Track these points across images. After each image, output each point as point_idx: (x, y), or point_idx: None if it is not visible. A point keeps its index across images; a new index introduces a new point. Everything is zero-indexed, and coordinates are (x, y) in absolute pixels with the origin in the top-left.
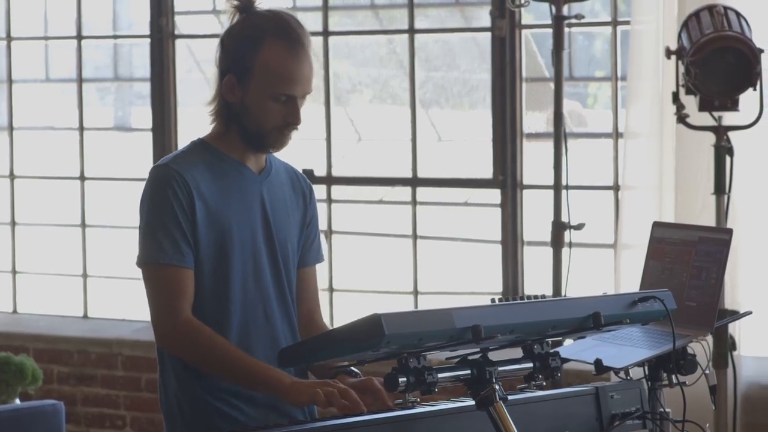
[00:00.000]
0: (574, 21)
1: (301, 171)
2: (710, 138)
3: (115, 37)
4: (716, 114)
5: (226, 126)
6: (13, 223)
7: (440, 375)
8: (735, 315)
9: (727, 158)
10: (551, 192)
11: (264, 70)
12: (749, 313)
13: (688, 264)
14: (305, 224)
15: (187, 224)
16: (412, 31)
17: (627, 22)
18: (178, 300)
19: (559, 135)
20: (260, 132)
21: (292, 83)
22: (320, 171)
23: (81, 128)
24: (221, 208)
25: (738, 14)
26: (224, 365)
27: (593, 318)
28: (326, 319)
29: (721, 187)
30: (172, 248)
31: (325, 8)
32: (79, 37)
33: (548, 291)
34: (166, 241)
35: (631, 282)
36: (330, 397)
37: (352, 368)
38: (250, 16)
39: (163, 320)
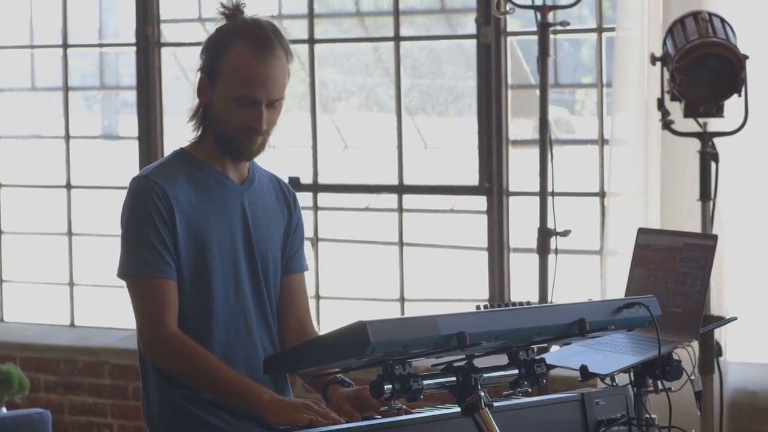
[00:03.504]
0: (559, 28)
1: (285, 180)
2: (695, 144)
3: (101, 45)
4: (701, 120)
5: (203, 131)
6: None
7: (426, 382)
8: (720, 321)
9: (713, 164)
10: (537, 199)
11: (228, 70)
12: (734, 319)
13: (673, 270)
14: (290, 233)
15: (168, 235)
16: (397, 38)
17: (612, 29)
18: (163, 312)
19: (544, 142)
20: (227, 135)
21: (253, 86)
22: (306, 178)
23: (67, 136)
24: (201, 220)
25: (723, 21)
26: (206, 378)
27: (578, 324)
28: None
29: (706, 194)
30: (154, 260)
31: (311, 16)
32: (65, 45)
33: (534, 297)
34: (148, 254)
35: (616, 288)
36: (308, 421)
37: (343, 377)
38: (229, 22)
39: (148, 333)
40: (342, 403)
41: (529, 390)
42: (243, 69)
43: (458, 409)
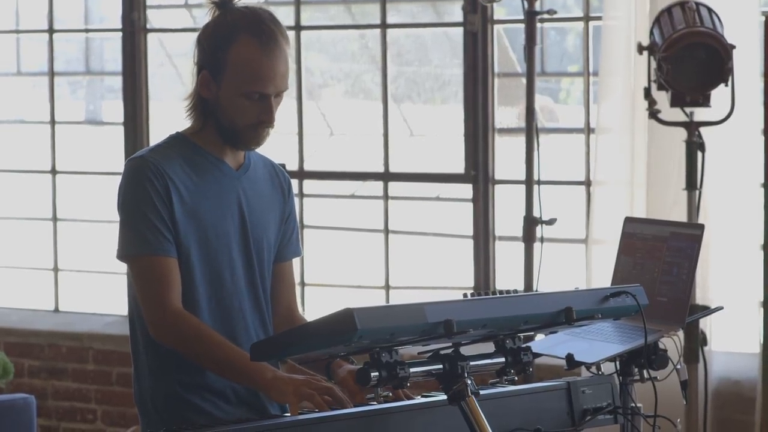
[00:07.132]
0: (546, 16)
1: (279, 165)
2: (682, 133)
3: (87, 30)
4: (688, 110)
5: (202, 122)
6: None
7: (412, 370)
8: (706, 310)
9: (699, 154)
10: (523, 187)
11: (235, 66)
12: (720, 308)
13: (659, 259)
14: (283, 219)
15: (167, 213)
16: (384, 25)
17: (599, 18)
18: (166, 291)
19: (530, 130)
20: (234, 129)
21: (264, 81)
22: (292, 165)
23: (52, 122)
24: (197, 204)
25: (710, 10)
26: (210, 357)
27: (565, 313)
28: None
29: (692, 183)
30: (155, 238)
31: (298, 3)
32: (51, 30)
33: (520, 286)
34: (148, 233)
35: (602, 277)
36: (309, 399)
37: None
38: (226, 13)
39: (153, 312)
40: (348, 378)
41: (516, 378)
42: (250, 65)
43: (445, 397)
